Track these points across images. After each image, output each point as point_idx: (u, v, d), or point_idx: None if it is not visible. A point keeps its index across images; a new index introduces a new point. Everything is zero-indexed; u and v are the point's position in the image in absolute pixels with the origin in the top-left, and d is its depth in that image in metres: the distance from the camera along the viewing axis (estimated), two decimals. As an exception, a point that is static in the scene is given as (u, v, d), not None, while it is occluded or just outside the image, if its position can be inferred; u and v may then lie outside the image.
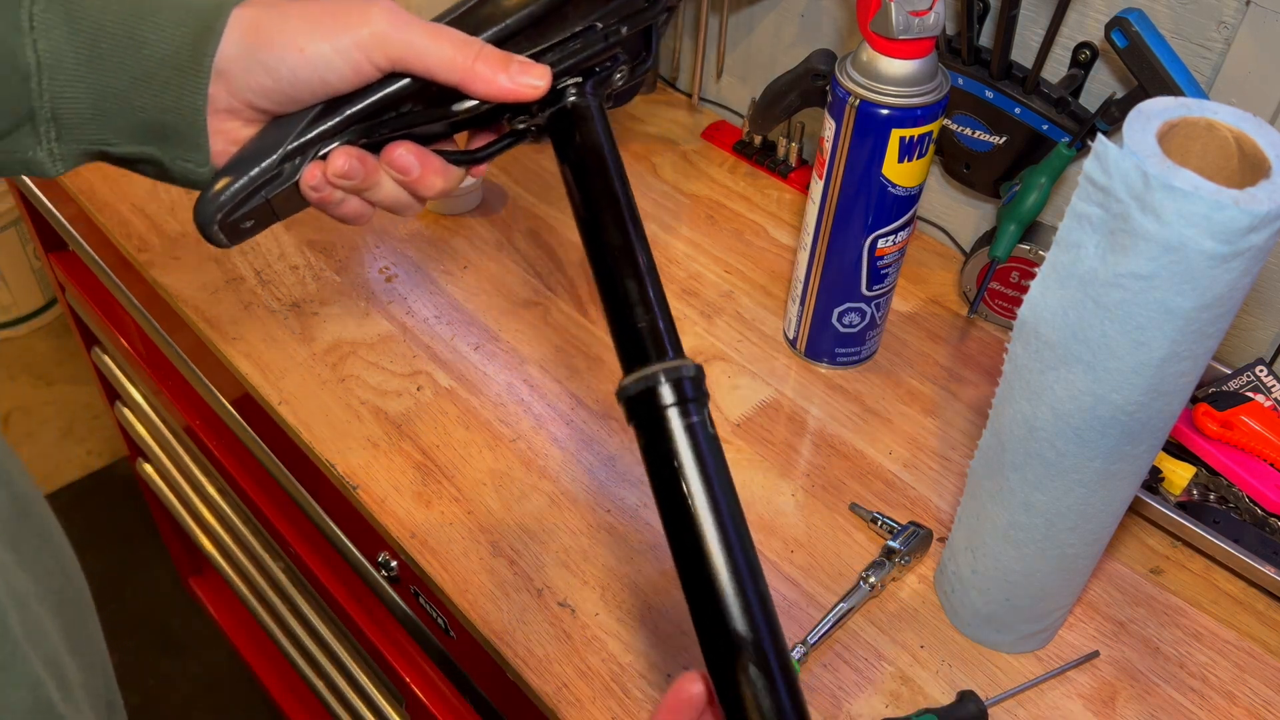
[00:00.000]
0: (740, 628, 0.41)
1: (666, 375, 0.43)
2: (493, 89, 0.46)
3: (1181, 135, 0.49)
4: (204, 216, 0.47)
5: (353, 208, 0.50)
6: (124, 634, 1.70)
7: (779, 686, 0.41)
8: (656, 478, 0.43)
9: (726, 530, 0.42)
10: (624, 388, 0.44)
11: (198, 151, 0.47)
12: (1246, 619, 0.69)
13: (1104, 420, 0.52)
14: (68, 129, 0.46)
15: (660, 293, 0.46)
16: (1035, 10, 0.80)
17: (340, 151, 0.47)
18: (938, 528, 0.72)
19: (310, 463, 0.78)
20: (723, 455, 0.44)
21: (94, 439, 2.02)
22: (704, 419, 0.44)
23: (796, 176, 1.02)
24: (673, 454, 0.43)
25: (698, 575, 0.42)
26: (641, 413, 0.44)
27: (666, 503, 0.43)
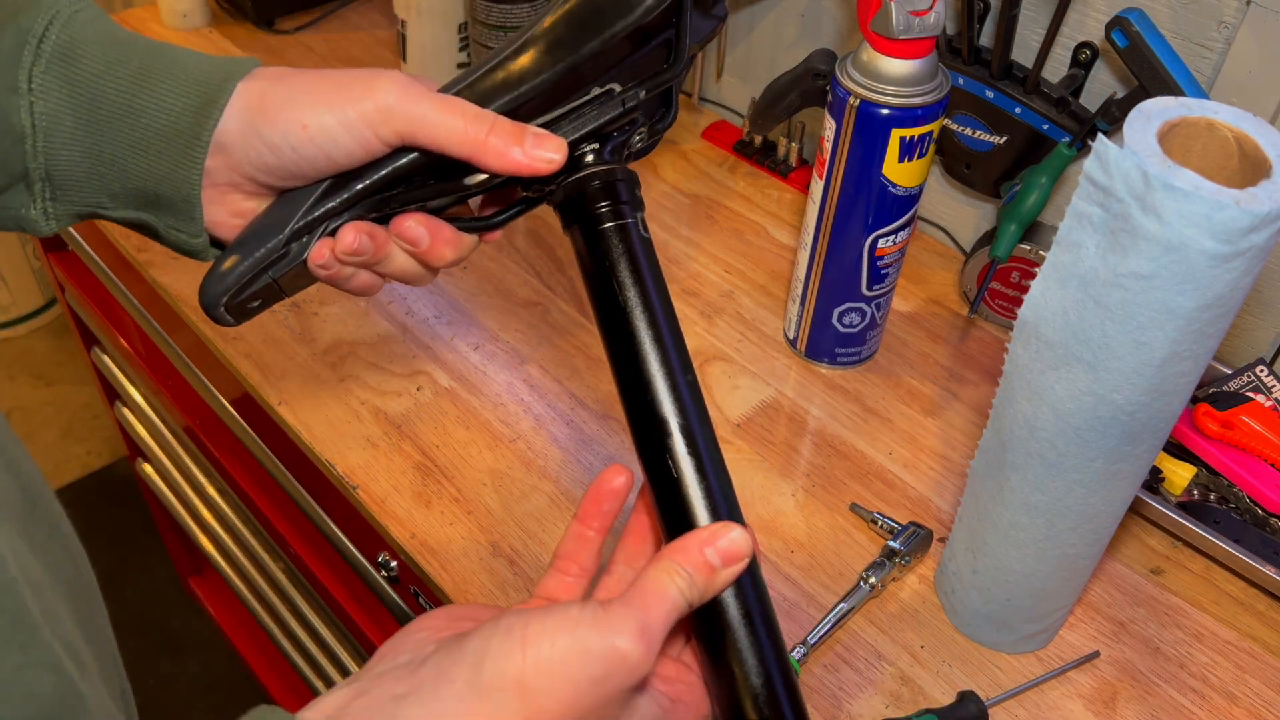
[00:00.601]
0: (669, 415, 0.43)
1: (599, 177, 0.45)
2: (506, 163, 0.45)
3: (1182, 135, 0.49)
4: (209, 299, 0.46)
5: (362, 281, 0.49)
6: (124, 634, 1.68)
7: (707, 470, 0.43)
8: (590, 277, 0.45)
9: (657, 321, 0.44)
10: (557, 191, 0.46)
11: (190, 223, 0.46)
12: (1247, 619, 0.69)
13: (1105, 420, 0.52)
14: (62, 190, 0.46)
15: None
16: (1035, 10, 0.80)
17: (349, 228, 0.46)
18: (938, 528, 0.72)
19: (310, 463, 0.78)
20: (655, 257, 0.46)
21: (94, 439, 2.02)
22: (637, 221, 0.46)
23: (797, 176, 1.02)
24: (605, 253, 0.45)
25: (629, 366, 0.44)
26: (575, 215, 0.46)
27: (600, 301, 0.45)
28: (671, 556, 0.40)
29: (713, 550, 0.40)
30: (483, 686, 0.36)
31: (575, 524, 0.46)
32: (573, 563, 0.46)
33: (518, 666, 0.36)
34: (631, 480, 0.46)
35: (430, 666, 0.38)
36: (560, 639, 0.36)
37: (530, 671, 0.36)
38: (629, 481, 0.46)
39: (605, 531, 0.47)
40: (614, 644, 0.36)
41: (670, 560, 0.40)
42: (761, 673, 0.41)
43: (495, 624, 0.38)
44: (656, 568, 0.40)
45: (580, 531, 0.46)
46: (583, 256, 0.46)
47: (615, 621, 0.37)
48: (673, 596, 0.39)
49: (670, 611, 0.39)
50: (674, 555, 0.40)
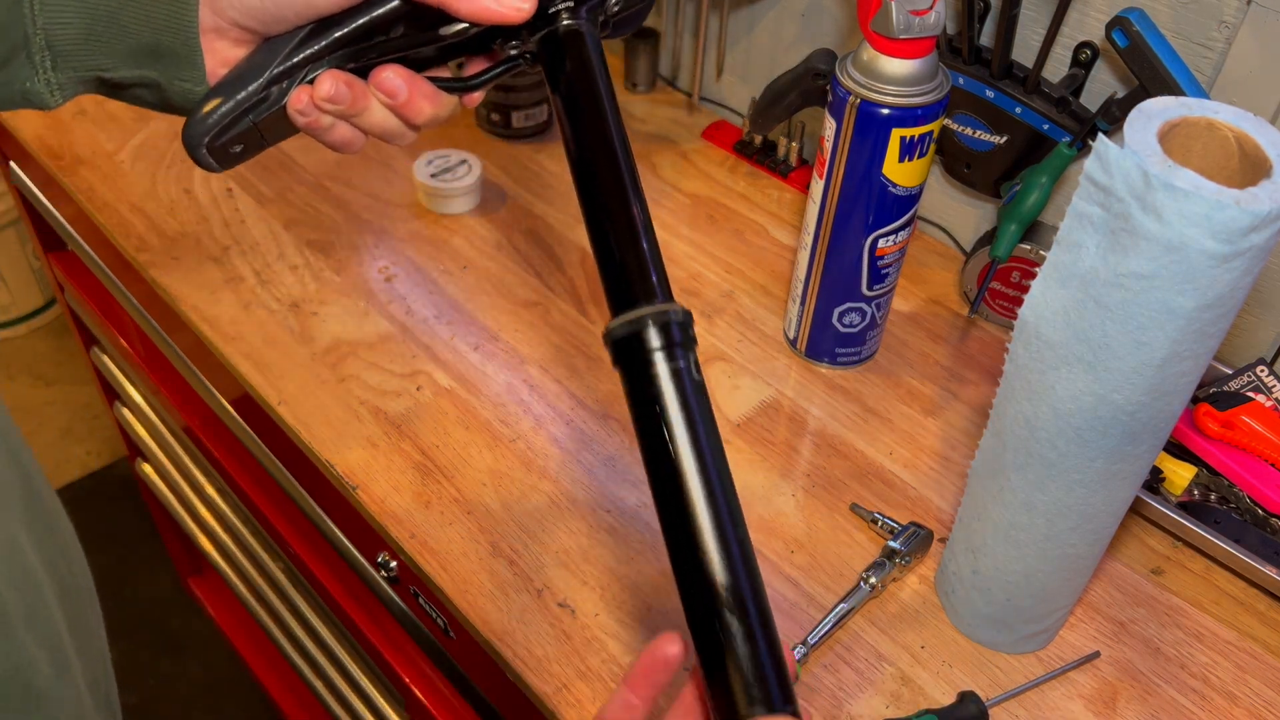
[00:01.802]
0: (719, 575, 0.41)
1: (654, 319, 0.43)
2: (476, 9, 0.46)
3: (1182, 135, 0.49)
4: (191, 139, 0.47)
5: (342, 134, 0.49)
6: (124, 634, 1.69)
7: (757, 634, 0.41)
8: (640, 421, 0.43)
9: (709, 475, 0.42)
10: (610, 330, 0.44)
11: (193, 69, 0.47)
12: (1247, 619, 0.69)
13: (1105, 420, 0.52)
14: (63, 56, 0.46)
15: (651, 235, 0.45)
16: (1036, 10, 0.80)
17: (327, 75, 0.47)
18: (938, 528, 0.72)
19: (310, 463, 0.78)
20: (708, 401, 0.43)
21: (93, 439, 2.02)
22: (690, 364, 0.43)
23: (797, 176, 1.02)
24: (656, 398, 0.42)
25: (678, 521, 0.42)
26: (627, 356, 0.43)
27: (649, 447, 0.43)
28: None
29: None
30: None
31: (623, 689, 0.44)
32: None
33: None
34: (685, 652, 0.43)
35: None
36: None
37: None
38: (682, 653, 0.43)
39: (651, 701, 0.45)
40: None
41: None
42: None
43: None
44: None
45: (626, 698, 0.44)
46: (631, 398, 0.44)
47: None
48: None
49: None
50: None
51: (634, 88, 1.14)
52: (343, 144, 0.50)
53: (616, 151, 0.46)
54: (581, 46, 0.48)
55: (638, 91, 1.14)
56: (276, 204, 0.95)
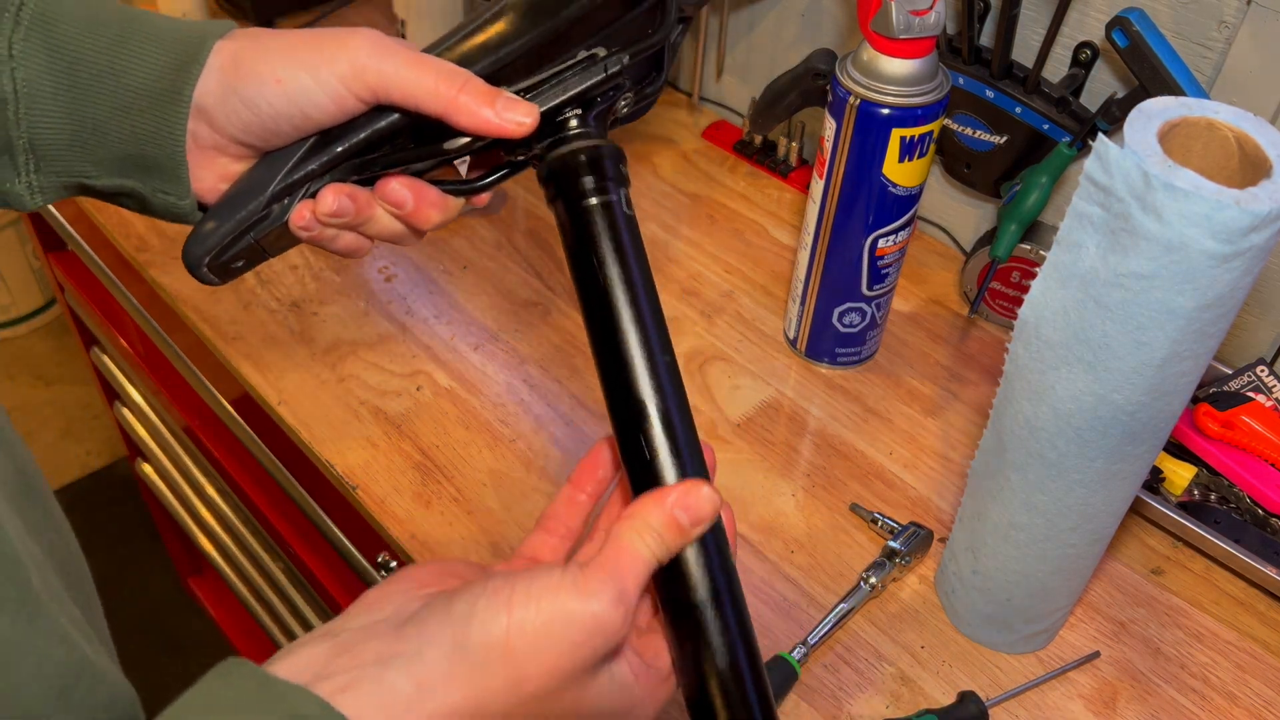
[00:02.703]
0: (645, 393, 0.43)
1: (585, 153, 0.44)
2: (478, 123, 0.45)
3: (1182, 135, 0.49)
4: (192, 259, 0.47)
5: (348, 242, 0.49)
6: (124, 634, 1.69)
7: (682, 449, 0.43)
8: (572, 253, 0.45)
9: (637, 301, 0.44)
10: (543, 165, 0.46)
11: (177, 184, 0.46)
12: (1247, 619, 0.69)
13: (1105, 420, 0.52)
14: (46, 160, 0.45)
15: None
16: (1036, 10, 0.80)
17: (329, 190, 0.46)
18: (938, 528, 0.72)
19: (310, 463, 0.78)
20: (639, 235, 0.45)
21: (93, 439, 2.02)
22: (620, 198, 0.45)
23: (797, 176, 1.02)
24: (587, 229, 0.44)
25: (608, 345, 0.44)
26: (559, 190, 0.45)
27: (581, 277, 0.45)
28: (641, 515, 0.40)
29: (681, 509, 0.41)
30: (469, 648, 0.37)
31: (568, 487, 0.47)
32: (560, 524, 0.47)
33: (503, 629, 0.37)
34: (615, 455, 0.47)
35: (415, 626, 0.38)
36: (544, 603, 0.37)
37: (515, 635, 0.37)
38: (613, 456, 0.47)
39: (596, 497, 0.47)
40: (593, 609, 0.37)
41: (640, 519, 0.40)
42: (727, 656, 0.41)
43: (483, 586, 0.38)
44: (627, 526, 0.40)
45: (572, 495, 0.47)
46: (565, 231, 0.46)
47: (594, 587, 0.38)
48: (644, 557, 0.40)
49: (643, 572, 0.40)
50: (643, 514, 0.40)
51: (634, 88, 1.14)
52: (349, 251, 0.50)
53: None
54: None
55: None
56: (276, 204, 0.95)
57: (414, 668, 0.36)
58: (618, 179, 0.46)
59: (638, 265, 0.45)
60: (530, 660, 0.37)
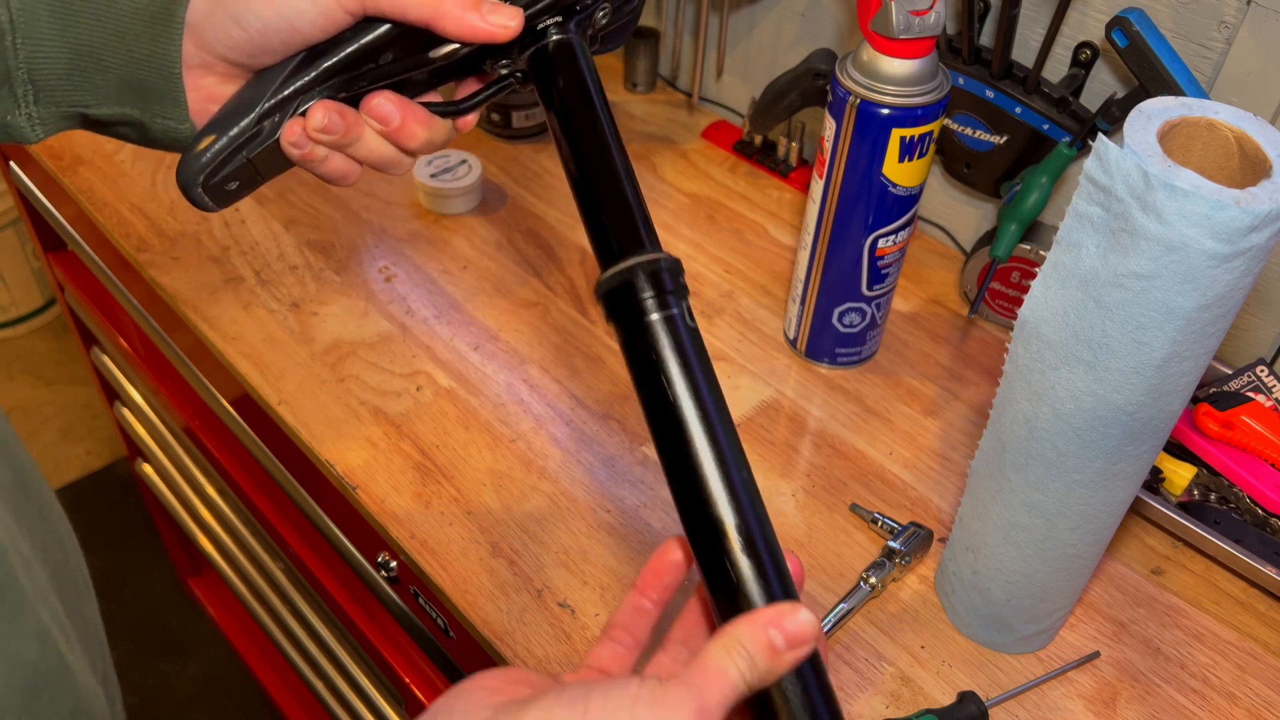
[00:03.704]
0: (725, 512, 0.41)
1: (644, 269, 0.43)
2: (463, 28, 0.45)
3: (1182, 135, 0.49)
4: (186, 179, 0.47)
5: (337, 165, 0.49)
6: (124, 634, 1.70)
7: (767, 570, 0.40)
8: (637, 371, 0.43)
9: (710, 419, 0.42)
10: (601, 283, 0.44)
11: (176, 107, 0.46)
12: (1247, 620, 0.69)
13: (1105, 420, 0.52)
14: (44, 90, 0.46)
15: (638, 194, 0.45)
16: (1036, 10, 0.80)
17: (319, 105, 0.47)
18: (938, 528, 0.72)
19: (309, 463, 0.78)
20: (704, 347, 0.44)
21: (93, 439, 2.02)
22: (683, 311, 0.44)
23: (797, 176, 1.02)
24: (651, 347, 0.42)
25: (682, 467, 0.41)
26: (619, 308, 0.43)
27: (648, 396, 0.43)
28: (732, 633, 0.38)
29: (777, 632, 0.38)
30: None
31: (633, 594, 0.45)
32: (627, 634, 0.45)
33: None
34: (688, 558, 0.44)
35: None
36: (620, 716, 0.35)
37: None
38: (690, 556, 0.44)
39: (663, 605, 0.45)
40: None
41: (731, 639, 0.38)
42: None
43: (559, 695, 0.37)
44: (716, 645, 0.38)
45: (637, 603, 0.45)
46: (627, 350, 0.44)
47: (672, 700, 0.36)
48: (732, 677, 0.37)
49: (729, 693, 0.37)
50: (736, 633, 0.38)
51: (634, 88, 1.14)
52: (338, 176, 0.49)
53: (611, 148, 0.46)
54: (573, 59, 0.48)
55: (638, 91, 1.14)
56: (276, 204, 0.95)
57: None
58: (678, 291, 0.44)
59: (705, 380, 0.43)
60: None
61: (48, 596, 0.39)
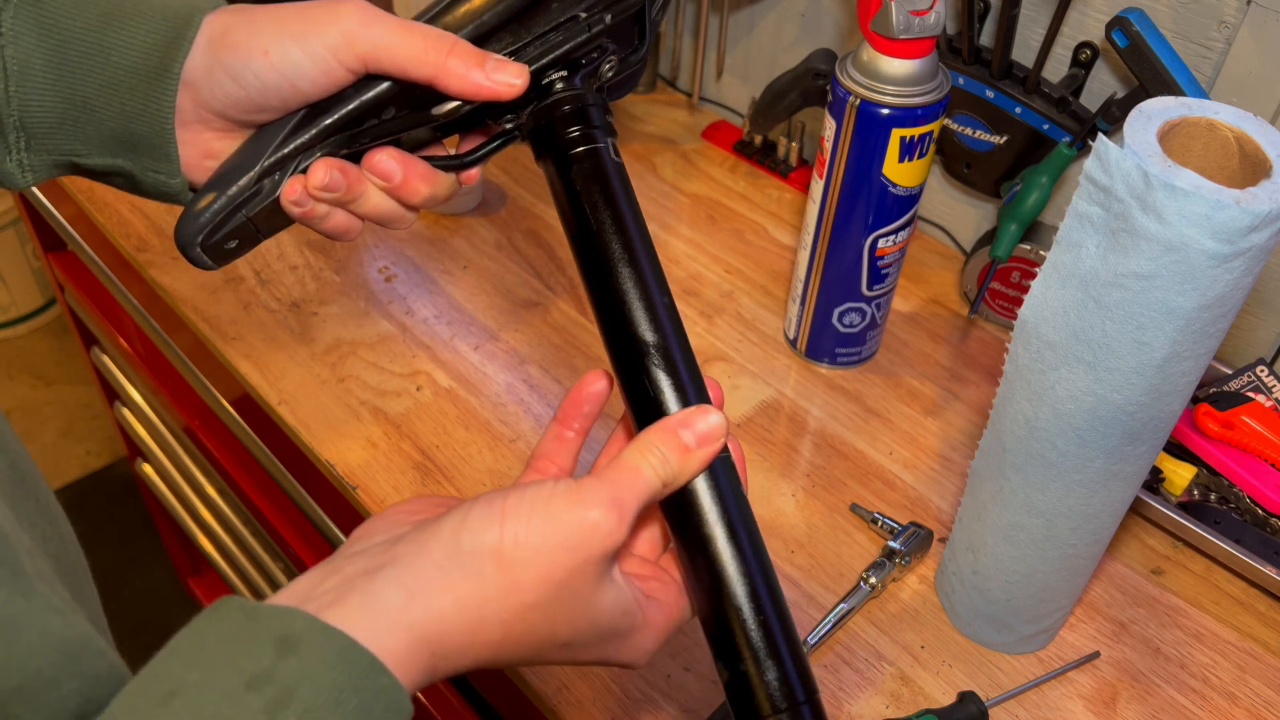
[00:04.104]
0: (645, 332, 0.43)
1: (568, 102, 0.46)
2: (467, 86, 0.45)
3: (1182, 135, 0.49)
4: (185, 239, 0.46)
5: (338, 221, 0.48)
6: (124, 634, 1.69)
7: (685, 384, 0.43)
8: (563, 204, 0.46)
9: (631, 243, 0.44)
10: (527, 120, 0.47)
11: (167, 162, 0.46)
12: (1248, 620, 0.69)
13: (1105, 420, 0.52)
14: (36, 138, 0.45)
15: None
16: (1036, 10, 0.80)
17: (320, 163, 0.46)
18: (938, 528, 0.72)
19: (309, 463, 0.78)
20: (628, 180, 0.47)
21: (93, 439, 2.02)
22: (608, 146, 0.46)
23: (797, 176, 1.02)
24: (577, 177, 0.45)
25: (604, 289, 0.44)
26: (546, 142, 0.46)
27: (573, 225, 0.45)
28: (647, 438, 0.40)
29: (688, 431, 0.40)
30: (461, 556, 0.37)
31: (554, 425, 0.47)
32: (550, 463, 0.47)
33: (495, 537, 0.37)
34: (611, 385, 0.46)
35: (406, 543, 0.38)
36: (537, 511, 0.37)
37: (508, 542, 0.37)
38: (609, 386, 0.46)
39: (584, 433, 0.47)
40: (585, 514, 0.37)
41: (645, 441, 0.40)
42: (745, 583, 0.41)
43: (474, 500, 0.38)
44: (631, 447, 0.40)
45: (559, 432, 0.47)
46: (555, 183, 0.46)
47: (587, 493, 0.38)
48: (646, 474, 0.39)
49: (643, 488, 0.39)
50: (649, 437, 0.41)
51: (634, 88, 1.14)
52: (340, 232, 0.49)
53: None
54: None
55: (637, 91, 1.14)
56: (276, 204, 0.95)
57: (403, 576, 0.36)
58: (604, 128, 0.46)
59: (630, 210, 0.45)
60: (523, 568, 0.37)
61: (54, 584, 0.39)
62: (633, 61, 0.52)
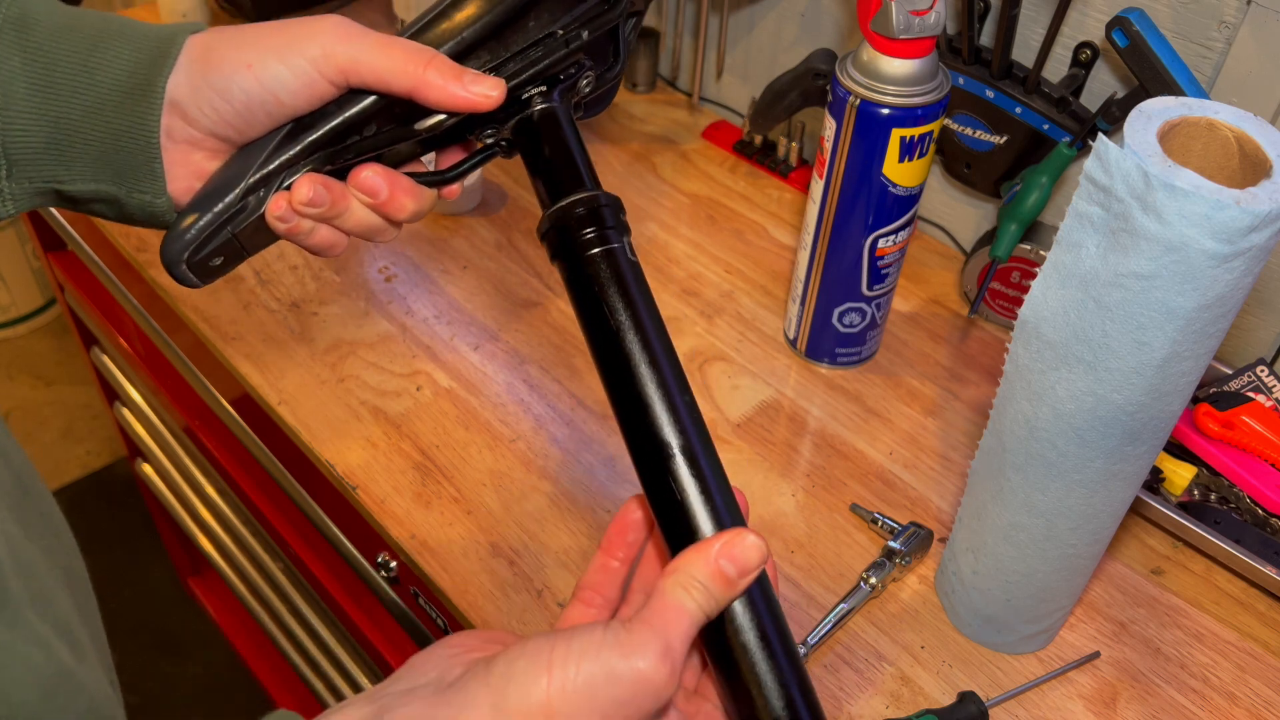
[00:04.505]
0: (668, 434, 0.42)
1: (584, 204, 0.45)
2: (445, 97, 0.46)
3: (1182, 135, 0.49)
4: (170, 257, 0.46)
5: (323, 237, 0.49)
6: (124, 634, 1.69)
7: (711, 489, 0.42)
8: (581, 306, 0.45)
9: (650, 344, 0.43)
10: (542, 222, 0.46)
11: (153, 181, 0.46)
12: (1247, 619, 0.69)
13: (1105, 420, 0.52)
14: (19, 165, 0.45)
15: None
16: (1036, 10, 0.80)
17: (305, 179, 0.46)
18: (938, 528, 0.72)
19: (309, 463, 0.78)
20: (645, 279, 0.45)
21: (93, 439, 2.02)
22: (624, 245, 0.45)
23: (797, 176, 1.02)
24: (594, 279, 0.44)
25: (625, 391, 0.43)
26: (561, 244, 0.45)
27: (591, 327, 0.44)
28: (685, 569, 0.39)
29: (728, 561, 0.39)
30: (508, 712, 0.36)
31: (600, 555, 0.46)
32: (597, 594, 0.45)
33: (543, 692, 0.36)
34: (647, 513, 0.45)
35: (455, 691, 0.37)
36: (585, 663, 0.36)
37: (556, 696, 0.36)
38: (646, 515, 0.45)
39: (630, 563, 0.46)
40: (638, 667, 0.36)
41: (684, 573, 0.38)
42: (783, 696, 0.40)
43: (521, 647, 0.37)
44: (672, 581, 0.38)
45: (605, 562, 0.45)
46: (572, 286, 0.45)
47: (638, 642, 0.36)
48: (690, 611, 0.38)
49: (690, 628, 0.38)
50: (687, 568, 0.39)
51: (634, 88, 1.14)
52: (325, 248, 0.49)
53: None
54: (557, 128, 0.48)
55: (638, 91, 1.14)
56: (276, 204, 0.95)
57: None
58: (619, 227, 0.46)
59: (647, 309, 0.44)
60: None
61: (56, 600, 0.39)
62: (608, 78, 0.53)
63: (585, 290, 0.44)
